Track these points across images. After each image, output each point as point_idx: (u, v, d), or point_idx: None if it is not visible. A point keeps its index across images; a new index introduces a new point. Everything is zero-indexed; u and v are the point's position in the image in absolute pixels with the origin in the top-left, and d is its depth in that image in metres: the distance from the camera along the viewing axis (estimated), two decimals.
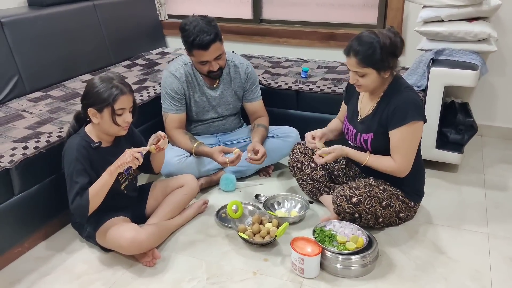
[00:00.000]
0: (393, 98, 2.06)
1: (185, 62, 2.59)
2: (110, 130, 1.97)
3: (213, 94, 2.64)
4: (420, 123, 2.04)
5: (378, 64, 1.97)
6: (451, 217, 2.31)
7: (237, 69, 2.66)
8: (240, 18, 3.75)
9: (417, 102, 2.05)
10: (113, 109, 1.90)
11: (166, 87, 2.57)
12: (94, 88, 1.90)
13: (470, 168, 2.80)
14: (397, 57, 2.01)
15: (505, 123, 3.19)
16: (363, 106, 2.21)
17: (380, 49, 1.94)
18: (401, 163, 2.06)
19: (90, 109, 1.92)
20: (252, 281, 1.91)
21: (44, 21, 2.89)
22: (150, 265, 1.99)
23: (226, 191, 2.59)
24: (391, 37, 1.97)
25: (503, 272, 1.94)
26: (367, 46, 1.95)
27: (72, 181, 1.90)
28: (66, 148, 1.96)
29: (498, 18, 2.93)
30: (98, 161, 1.96)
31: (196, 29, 2.36)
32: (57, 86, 2.86)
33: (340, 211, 2.12)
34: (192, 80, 2.59)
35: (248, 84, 2.69)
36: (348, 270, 1.92)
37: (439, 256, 2.04)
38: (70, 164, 1.91)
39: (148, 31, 3.77)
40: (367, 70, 1.99)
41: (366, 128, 2.15)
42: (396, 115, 2.03)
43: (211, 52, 2.41)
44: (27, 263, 2.04)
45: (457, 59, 2.64)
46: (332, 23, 3.50)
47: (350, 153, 2.15)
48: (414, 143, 2.08)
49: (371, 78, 2.01)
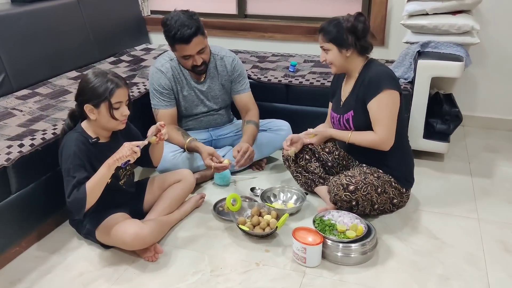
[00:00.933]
0: (367, 73, 2.18)
1: (171, 57, 2.59)
2: (108, 125, 1.96)
3: (201, 88, 2.64)
4: (395, 92, 2.12)
5: (338, 40, 2.13)
6: (441, 204, 2.39)
7: (223, 62, 2.66)
8: (224, 13, 3.75)
9: (389, 73, 2.17)
10: (110, 103, 1.88)
11: (153, 83, 2.56)
12: (89, 83, 1.88)
13: (456, 157, 2.90)
14: (359, 38, 2.13)
15: (486, 113, 3.30)
16: (344, 92, 2.31)
17: (341, 27, 2.12)
18: (382, 133, 2.12)
19: (86, 105, 1.89)
20: (256, 272, 1.93)
21: (27, 17, 2.83)
22: (152, 260, 1.99)
23: (221, 185, 2.60)
24: (351, 20, 2.13)
25: (495, 254, 2.02)
26: (331, 24, 2.15)
27: (69, 176, 1.86)
28: (63, 144, 1.94)
29: (479, 11, 3.03)
30: (97, 157, 1.94)
31: (177, 23, 2.36)
32: (43, 83, 2.81)
33: (337, 200, 2.16)
34: (178, 75, 2.59)
35: (235, 76, 2.69)
36: (349, 257, 1.96)
37: (434, 242, 2.10)
38: (68, 158, 1.88)
39: (132, 27, 3.73)
40: (328, 45, 2.17)
41: (347, 108, 2.25)
42: (370, 87, 2.13)
43: (193, 46, 2.41)
44: (26, 262, 2.01)
45: (442, 51, 2.72)
46: (317, 18, 3.54)
47: (333, 133, 2.29)
48: (393, 113, 2.14)
49: (333, 54, 2.17)
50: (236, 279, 1.89)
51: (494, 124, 3.28)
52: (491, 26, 3.06)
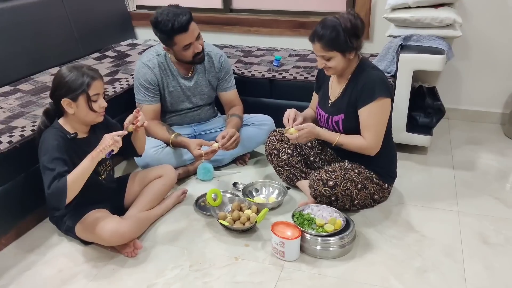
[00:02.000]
0: (360, 78, 2.14)
1: (158, 53, 2.58)
2: (87, 118, 1.96)
3: (188, 84, 2.64)
4: (387, 99, 2.12)
5: (342, 46, 2.05)
6: (422, 197, 2.40)
7: (210, 58, 2.66)
8: (210, 8, 3.74)
9: (383, 80, 2.13)
10: (88, 95, 1.89)
11: (139, 77, 2.56)
12: (64, 78, 1.88)
13: (439, 150, 2.91)
14: (359, 37, 2.09)
15: (470, 106, 3.31)
16: (333, 90, 2.28)
17: (343, 32, 2.02)
18: (370, 140, 2.12)
19: (64, 100, 1.89)
20: (235, 266, 1.94)
21: (10, 13, 2.83)
22: (132, 256, 1.99)
23: (204, 180, 2.60)
24: (351, 19, 2.05)
25: (473, 247, 2.03)
26: (329, 30, 2.03)
27: (48, 169, 1.84)
28: (42, 140, 1.93)
29: (462, 4, 3.03)
30: (76, 153, 1.94)
31: (170, 15, 2.36)
32: (25, 80, 2.80)
33: (317, 195, 2.17)
34: (165, 70, 2.58)
35: (222, 74, 2.70)
36: (327, 251, 1.97)
37: (413, 235, 2.12)
38: (47, 152, 1.86)
39: (117, 22, 3.72)
40: (332, 53, 2.07)
41: (337, 110, 2.22)
42: (364, 93, 2.10)
43: (192, 32, 2.41)
44: (5, 259, 2.01)
45: (424, 44, 2.72)
46: (302, 12, 3.54)
47: (321, 132, 2.21)
48: (383, 120, 2.15)
49: (337, 60, 2.09)
50: (214, 274, 1.90)
51: (478, 117, 3.30)
52: (475, 19, 3.07)
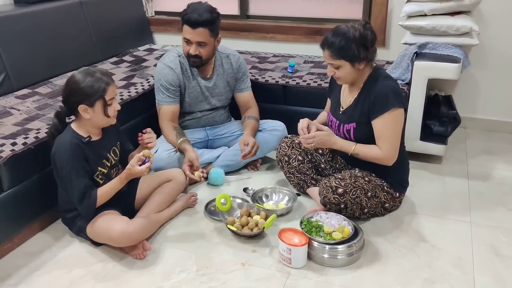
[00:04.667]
0: (373, 87, 2.12)
1: (179, 53, 2.63)
2: (102, 122, 2.01)
3: (207, 84, 2.68)
4: (400, 110, 2.10)
5: (350, 56, 2.04)
6: (435, 207, 2.37)
7: (228, 60, 2.72)
8: (227, 14, 3.76)
9: (396, 89, 2.11)
10: (105, 100, 1.94)
11: (160, 78, 2.60)
12: (80, 84, 1.92)
13: (454, 159, 2.86)
14: (368, 48, 2.06)
15: (487, 115, 3.26)
16: (344, 97, 2.27)
17: (351, 42, 2.01)
18: (387, 150, 2.11)
19: (81, 106, 1.93)
20: (241, 272, 1.94)
21: (30, 18, 2.89)
22: (140, 258, 2.01)
23: (215, 185, 2.61)
24: (360, 29, 2.03)
25: (484, 259, 1.99)
26: (338, 39, 2.03)
27: (72, 180, 1.92)
28: (57, 147, 1.96)
29: (480, 12, 2.99)
30: (91, 155, 1.99)
31: (193, 7, 2.47)
32: (44, 83, 2.86)
33: (326, 202, 2.16)
34: (186, 70, 2.63)
35: (240, 74, 2.75)
36: (335, 259, 1.96)
37: (423, 245, 2.09)
38: (67, 162, 1.92)
39: (135, 27, 3.78)
40: (340, 62, 2.06)
41: (348, 119, 2.20)
42: (377, 104, 2.08)
43: (196, 34, 2.46)
44: (17, 258, 2.06)
45: (440, 52, 2.69)
46: (318, 18, 3.54)
47: (338, 141, 2.19)
48: (398, 130, 2.13)
49: (346, 70, 2.08)
50: (220, 279, 1.90)
51: (495, 126, 3.24)
52: (492, 28, 3.02)
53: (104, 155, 2.07)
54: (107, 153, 2.08)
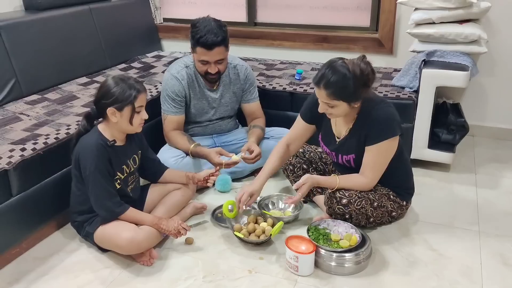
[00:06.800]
0: (369, 116, 2.04)
1: (187, 64, 2.63)
2: (128, 128, 2.03)
3: (213, 96, 2.68)
4: (397, 138, 2.06)
5: (349, 96, 1.95)
6: (443, 216, 2.35)
7: (236, 70, 2.72)
8: (235, 21, 3.79)
9: (392, 117, 2.04)
10: (134, 107, 1.96)
11: (167, 89, 2.61)
12: (112, 88, 1.95)
13: (462, 167, 2.85)
14: (369, 87, 1.99)
15: (496, 123, 3.24)
16: (338, 128, 2.19)
17: (352, 83, 1.90)
18: (372, 178, 2.09)
19: (110, 109, 1.95)
20: (248, 279, 1.94)
21: (40, 25, 2.92)
22: (147, 265, 2.02)
23: (222, 191, 2.62)
24: (363, 67, 1.92)
25: (493, 268, 1.98)
26: (338, 78, 1.91)
27: (96, 181, 1.94)
28: (83, 147, 1.98)
29: (488, 20, 2.99)
30: (113, 159, 2.01)
31: (206, 28, 2.43)
32: (53, 89, 2.89)
33: (331, 213, 2.16)
34: (193, 82, 2.63)
35: (247, 85, 2.75)
36: (342, 267, 1.95)
37: (431, 253, 2.08)
38: (92, 161, 1.94)
39: (144, 34, 3.80)
40: (337, 102, 1.96)
41: (346, 150, 2.16)
42: (373, 132, 2.03)
43: (214, 54, 2.46)
44: (25, 263, 2.07)
45: (448, 60, 2.69)
46: (325, 26, 3.55)
47: (321, 180, 2.16)
48: (389, 158, 2.09)
49: (342, 109, 2.00)
50: (227, 286, 1.90)
51: (503, 134, 3.22)
52: (500, 36, 3.02)
53: (125, 161, 2.08)
54: (127, 159, 2.10)
